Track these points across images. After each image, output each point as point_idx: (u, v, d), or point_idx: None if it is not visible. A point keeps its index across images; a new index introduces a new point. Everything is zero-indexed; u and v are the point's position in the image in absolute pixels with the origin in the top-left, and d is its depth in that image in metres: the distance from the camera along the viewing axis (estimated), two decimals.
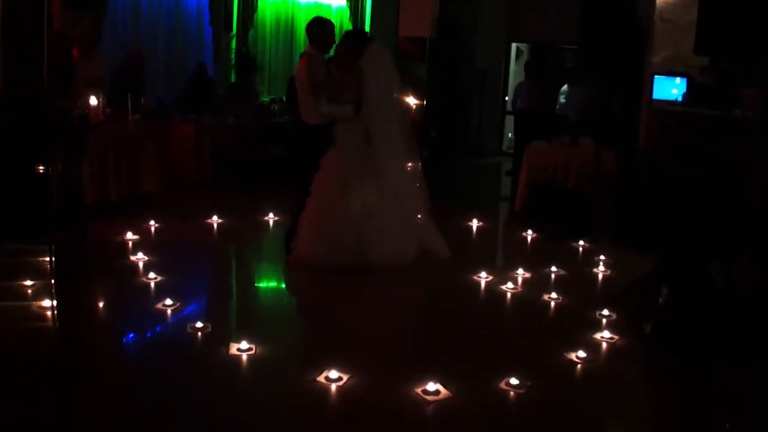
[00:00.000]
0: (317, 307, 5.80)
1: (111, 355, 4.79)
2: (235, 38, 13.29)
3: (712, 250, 5.98)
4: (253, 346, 4.75)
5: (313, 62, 6.70)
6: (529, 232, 8.30)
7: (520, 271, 6.67)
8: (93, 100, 8.08)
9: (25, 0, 6.70)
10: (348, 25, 14.08)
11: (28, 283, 5.62)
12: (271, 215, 8.32)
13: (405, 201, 6.79)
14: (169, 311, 5.44)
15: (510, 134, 14.44)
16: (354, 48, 6.61)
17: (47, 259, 5.96)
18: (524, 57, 15.42)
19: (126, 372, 4.53)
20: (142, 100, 9.46)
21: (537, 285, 6.43)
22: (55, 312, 5.15)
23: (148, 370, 4.55)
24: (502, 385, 4.40)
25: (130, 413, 3.98)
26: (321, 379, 4.36)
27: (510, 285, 6.35)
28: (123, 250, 6.92)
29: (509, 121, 14.53)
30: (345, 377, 4.38)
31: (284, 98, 12.03)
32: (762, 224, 6.41)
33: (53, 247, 5.82)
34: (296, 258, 6.54)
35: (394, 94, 6.78)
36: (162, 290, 5.85)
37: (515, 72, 15.41)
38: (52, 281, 5.46)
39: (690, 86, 8.34)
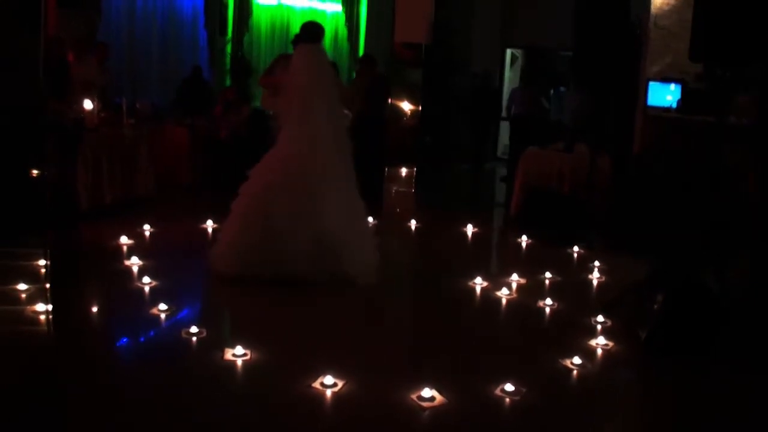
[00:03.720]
0: (313, 313, 5.78)
1: (105, 360, 4.75)
2: (230, 42, 13.29)
3: (706, 254, 6.00)
4: (248, 352, 4.74)
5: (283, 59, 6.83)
6: (524, 237, 8.30)
7: (515, 277, 6.67)
8: (88, 104, 8.07)
9: (20, 2, 6.68)
10: (343, 30, 14.11)
11: (22, 287, 5.60)
12: None
13: (343, 212, 6.42)
14: (163, 316, 5.42)
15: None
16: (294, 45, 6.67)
17: (41, 262, 5.94)
18: (519, 62, 15.47)
19: (120, 377, 4.50)
20: (137, 105, 9.42)
21: (532, 291, 6.43)
22: (50, 316, 5.13)
23: (143, 376, 4.52)
24: (498, 391, 4.39)
25: (123, 418, 3.96)
26: (316, 384, 4.35)
27: (505, 291, 6.34)
28: (117, 254, 6.90)
29: (504, 126, 14.58)
30: (340, 383, 4.37)
31: None
32: (755, 228, 6.43)
33: (48, 251, 5.80)
34: (211, 264, 6.48)
35: (325, 95, 6.44)
36: (156, 295, 5.82)
37: (510, 78, 15.45)
38: (47, 285, 5.45)
39: (684, 92, 8.36)
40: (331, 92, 6.53)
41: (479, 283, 6.52)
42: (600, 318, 5.69)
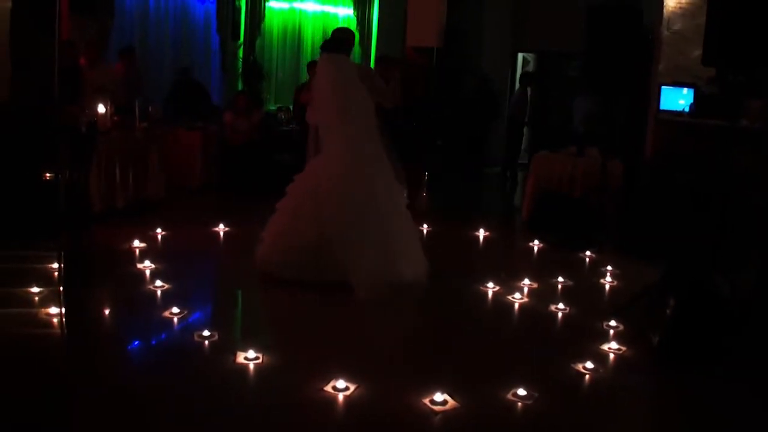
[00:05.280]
0: (324, 316, 5.79)
1: (117, 363, 4.78)
2: (242, 47, 13.32)
3: (718, 259, 5.98)
4: (260, 355, 4.75)
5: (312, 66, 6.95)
6: (536, 241, 8.29)
7: (527, 281, 6.66)
8: (101, 108, 8.09)
9: (35, 7, 6.72)
10: (355, 34, 14.11)
11: (35, 290, 5.62)
12: None
13: (388, 219, 6.44)
14: (175, 319, 5.44)
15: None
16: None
17: (54, 265, 5.96)
18: (530, 67, 15.47)
19: (132, 380, 4.52)
20: (150, 108, 9.45)
21: (544, 295, 6.42)
22: (63, 319, 5.15)
23: (155, 379, 4.54)
24: (510, 396, 4.38)
25: (135, 421, 3.98)
26: (328, 388, 4.35)
27: (517, 295, 6.34)
28: (130, 257, 6.92)
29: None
30: (352, 387, 4.37)
31: (291, 107, 12.06)
32: (767, 233, 6.41)
33: (62, 253, 5.82)
34: (256, 264, 6.52)
35: (349, 103, 6.45)
36: (168, 298, 5.85)
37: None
38: (60, 288, 5.46)
39: (697, 97, 8.33)
40: (355, 100, 6.48)
41: (491, 287, 6.52)
42: (612, 322, 5.68)
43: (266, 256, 6.46)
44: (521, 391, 4.39)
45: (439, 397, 4.25)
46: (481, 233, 8.66)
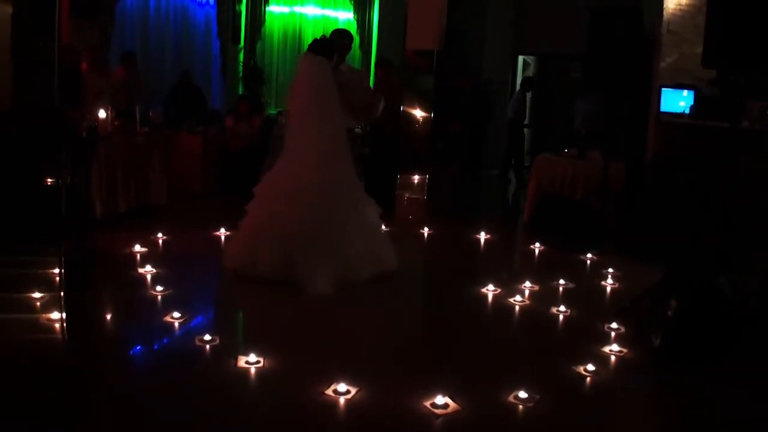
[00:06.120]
0: (326, 320, 5.79)
1: (119, 368, 4.77)
2: (242, 51, 13.33)
3: (720, 260, 5.97)
4: (261, 359, 4.74)
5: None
6: (537, 244, 8.28)
7: (528, 283, 6.65)
8: (101, 113, 8.10)
9: (36, 11, 6.74)
10: (355, 38, 14.13)
11: (36, 295, 5.62)
12: None
13: (352, 218, 6.57)
14: (176, 324, 5.43)
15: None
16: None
17: (55, 270, 5.97)
18: (530, 69, 15.48)
19: (134, 385, 4.51)
20: (150, 113, 9.45)
21: (545, 298, 6.42)
22: (64, 324, 5.15)
23: (156, 383, 4.54)
24: (511, 398, 4.38)
25: (137, 426, 3.97)
26: (329, 392, 4.35)
27: (518, 298, 6.33)
28: (131, 262, 6.92)
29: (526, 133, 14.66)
30: (353, 390, 4.36)
31: None
32: None
33: (63, 258, 5.82)
34: (225, 261, 6.77)
35: (319, 107, 6.55)
36: (170, 303, 5.84)
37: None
38: (62, 293, 5.47)
39: (697, 98, 8.33)
40: (331, 103, 6.57)
41: (492, 289, 6.52)
42: (614, 324, 5.68)
43: (236, 253, 6.65)
44: (522, 394, 4.38)
45: (440, 400, 4.24)
46: (482, 235, 8.66)
